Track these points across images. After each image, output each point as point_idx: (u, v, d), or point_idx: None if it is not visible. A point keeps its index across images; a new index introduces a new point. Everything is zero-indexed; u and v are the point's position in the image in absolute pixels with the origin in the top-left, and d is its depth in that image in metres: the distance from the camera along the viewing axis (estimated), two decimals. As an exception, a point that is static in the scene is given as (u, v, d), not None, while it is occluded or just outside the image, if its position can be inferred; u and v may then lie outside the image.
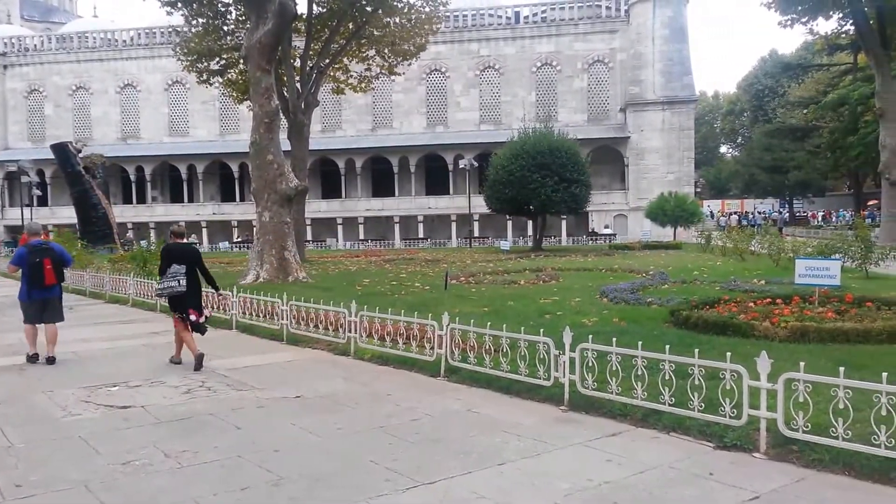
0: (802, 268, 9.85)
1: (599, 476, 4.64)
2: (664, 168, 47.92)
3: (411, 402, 6.72)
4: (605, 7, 50.76)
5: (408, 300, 13.77)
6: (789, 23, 31.19)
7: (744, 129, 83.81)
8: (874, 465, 4.53)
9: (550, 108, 50.52)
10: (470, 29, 52.30)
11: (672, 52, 47.91)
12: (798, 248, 20.73)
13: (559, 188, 31.52)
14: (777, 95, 73.26)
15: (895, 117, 29.31)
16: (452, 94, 52.81)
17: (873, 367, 6.40)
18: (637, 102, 48.25)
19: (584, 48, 50.95)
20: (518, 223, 46.55)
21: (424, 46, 31.75)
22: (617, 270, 20.57)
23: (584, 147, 42.61)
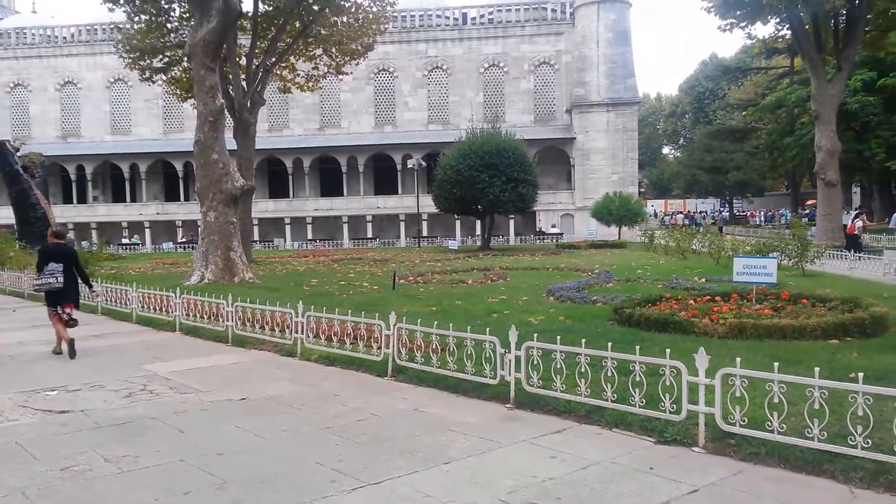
0: (740, 266, 10.15)
1: (544, 472, 4.70)
2: (609, 168, 48.78)
3: (358, 402, 6.70)
4: (550, 10, 51.39)
5: (356, 300, 13.71)
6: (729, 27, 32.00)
7: (685, 130, 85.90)
8: (808, 457, 4.68)
9: (498, 108, 50.96)
10: (418, 29, 52.32)
11: (616, 55, 48.80)
12: (737, 246, 21.34)
13: (507, 188, 31.79)
14: (717, 98, 75.35)
15: (830, 119, 30.36)
16: (401, 94, 52.74)
17: (808, 362, 6.64)
18: (582, 104, 49.00)
19: (531, 50, 51.49)
20: (466, 223, 46.78)
21: (372, 46, 31.65)
22: (563, 269, 20.85)
23: (531, 147, 43.09)
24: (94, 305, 14.29)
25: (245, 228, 25.29)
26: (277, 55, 28.84)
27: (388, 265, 23.93)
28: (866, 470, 4.42)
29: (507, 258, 27.01)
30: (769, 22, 33.03)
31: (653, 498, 4.26)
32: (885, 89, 39.42)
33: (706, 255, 22.26)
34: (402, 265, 23.94)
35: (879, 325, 8.91)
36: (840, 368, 6.48)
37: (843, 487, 4.38)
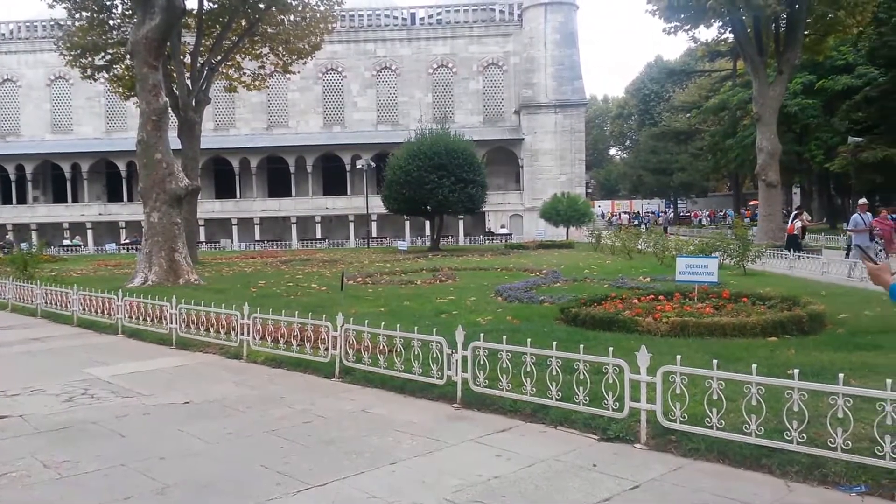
0: (683, 266, 10.37)
1: (489, 471, 4.72)
2: (557, 169, 49.34)
3: (304, 404, 6.63)
4: (498, 11, 51.74)
5: (304, 301, 13.57)
6: (673, 30, 32.74)
7: (632, 132, 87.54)
8: (746, 452, 4.80)
9: (447, 109, 51.08)
10: (366, 29, 52.08)
11: (563, 57, 49.39)
12: (681, 246, 21.83)
13: (456, 188, 31.88)
14: (662, 100, 76.99)
15: (771, 121, 31.27)
16: (349, 94, 52.42)
17: (747, 359, 6.80)
18: (530, 105, 49.45)
19: (479, 51, 51.76)
20: (416, 223, 46.74)
21: (320, 45, 31.37)
22: (512, 269, 21.00)
23: (480, 148, 43.30)
24: (34, 308, 13.85)
25: (190, 229, 24.79)
26: (223, 53, 28.35)
27: (337, 266, 23.75)
28: (802, 464, 4.55)
29: (456, 259, 27.08)
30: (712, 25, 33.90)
31: (595, 494, 4.32)
32: (823, 92, 40.83)
33: (651, 254, 22.71)
34: (350, 266, 23.79)
35: (817, 323, 9.20)
36: (778, 365, 6.66)
37: (779, 481, 4.50)
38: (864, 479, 4.33)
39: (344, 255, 33.25)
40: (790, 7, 30.54)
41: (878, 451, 4.25)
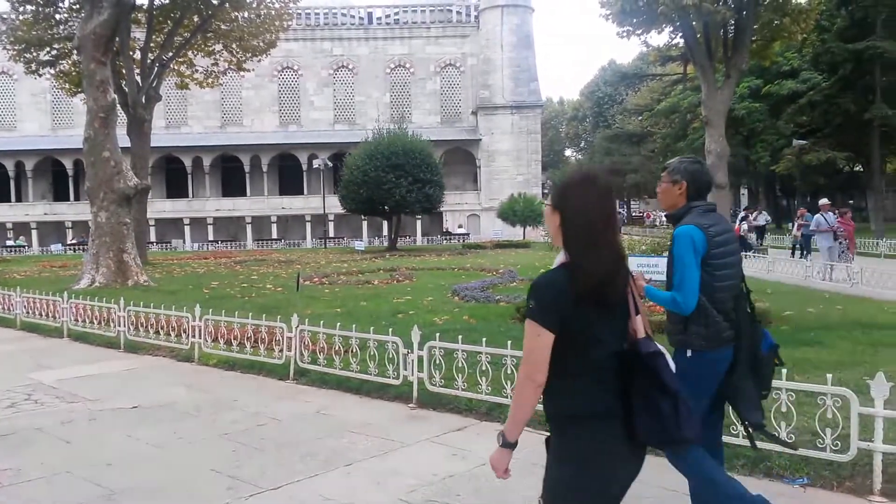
0: (634, 265, 10.41)
1: (444, 470, 4.74)
2: (514, 170, 49.70)
3: (258, 406, 6.55)
4: (455, 12, 51.90)
5: (258, 302, 13.40)
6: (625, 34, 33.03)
7: (586, 134, 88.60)
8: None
9: (404, 109, 51.03)
10: (323, 28, 51.70)
11: (519, 59, 49.79)
12: (633, 245, 22.18)
13: (413, 188, 31.87)
14: (616, 103, 78.17)
15: (719, 125, 31.83)
16: (306, 93, 51.97)
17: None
18: (487, 106, 49.73)
19: (437, 51, 51.83)
20: (373, 223, 46.57)
21: (275, 43, 30.99)
22: (469, 269, 21.08)
23: (438, 148, 43.37)
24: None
25: (140, 229, 24.27)
26: (174, 50, 27.80)
27: (293, 266, 23.52)
28: (748, 457, 4.67)
29: (413, 259, 27.07)
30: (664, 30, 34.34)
31: (549, 491, 4.37)
32: (769, 96, 41.95)
33: (605, 254, 23.02)
34: (307, 266, 23.59)
35: (763, 320, 9.43)
36: (725, 360, 6.82)
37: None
38: (807, 471, 4.47)
39: (300, 255, 32.93)
40: (738, 14, 31.22)
41: (819, 443, 4.40)
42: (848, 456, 4.27)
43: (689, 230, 3.34)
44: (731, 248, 3.45)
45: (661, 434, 2.27)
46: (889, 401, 4.19)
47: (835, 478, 4.37)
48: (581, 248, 2.28)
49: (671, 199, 3.55)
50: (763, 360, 3.46)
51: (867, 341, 8.19)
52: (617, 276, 2.30)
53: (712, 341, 3.36)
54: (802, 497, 4.26)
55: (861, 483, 4.26)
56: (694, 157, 3.69)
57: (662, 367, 2.28)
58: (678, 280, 3.37)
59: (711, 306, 3.35)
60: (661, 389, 2.26)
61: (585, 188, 2.33)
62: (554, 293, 2.26)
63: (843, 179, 48.23)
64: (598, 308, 2.27)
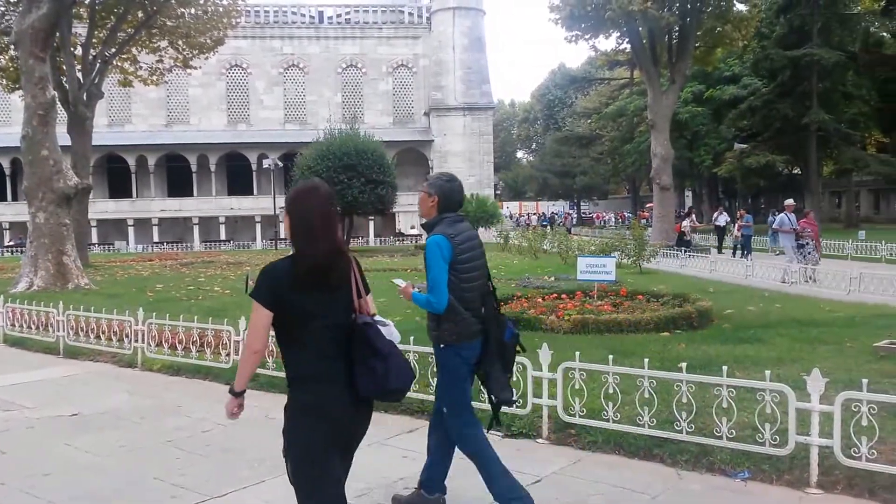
0: (584, 265, 10.67)
1: (395, 473, 4.73)
2: (466, 171, 49.85)
3: (203, 412, 6.43)
4: (407, 13, 51.84)
5: (205, 305, 13.15)
6: (574, 39, 33.72)
7: (537, 136, 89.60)
8: (640, 443, 5.02)
9: (356, 109, 50.72)
10: (272, 25, 51.04)
11: (471, 61, 50.03)
12: (583, 246, 22.51)
13: (366, 189, 31.70)
14: (566, 106, 79.26)
15: (664, 128, 32.74)
16: (255, 92, 51.22)
17: (641, 354, 7.07)
18: (440, 107, 49.82)
19: (389, 52, 51.69)
20: (325, 224, 46.08)
21: (223, 40, 30.43)
22: (422, 270, 20.91)
23: (391, 149, 43.23)
24: None
25: (81, 230, 23.58)
26: (118, 46, 27.07)
27: (242, 268, 23.15)
28: (691, 453, 4.79)
29: (366, 260, 26.88)
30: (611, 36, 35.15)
31: (498, 491, 4.38)
32: (712, 101, 43.09)
33: (556, 254, 23.29)
34: (257, 268, 23.15)
35: (705, 318, 9.72)
36: (670, 359, 6.96)
37: (670, 470, 4.72)
38: (748, 465, 4.59)
39: (250, 256, 32.43)
40: (682, 20, 32.10)
41: (758, 438, 4.53)
42: (786, 450, 4.40)
43: (437, 239, 3.83)
44: (475, 253, 3.97)
45: (376, 387, 2.80)
46: (825, 396, 4.33)
47: (774, 471, 4.50)
48: (301, 242, 2.79)
49: (425, 209, 4.02)
50: (507, 347, 3.99)
51: (804, 338, 8.45)
52: (332, 266, 2.80)
53: (462, 336, 3.87)
54: (743, 490, 4.38)
55: (799, 476, 4.40)
56: (450, 175, 4.14)
57: (373, 335, 2.80)
58: (430, 283, 3.84)
59: (461, 305, 3.84)
60: (374, 353, 2.77)
61: (308, 196, 2.84)
62: (273, 277, 2.78)
63: (782, 182, 49.74)
64: (320, 290, 2.77)
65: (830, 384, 4.69)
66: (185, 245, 45.54)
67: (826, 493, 4.25)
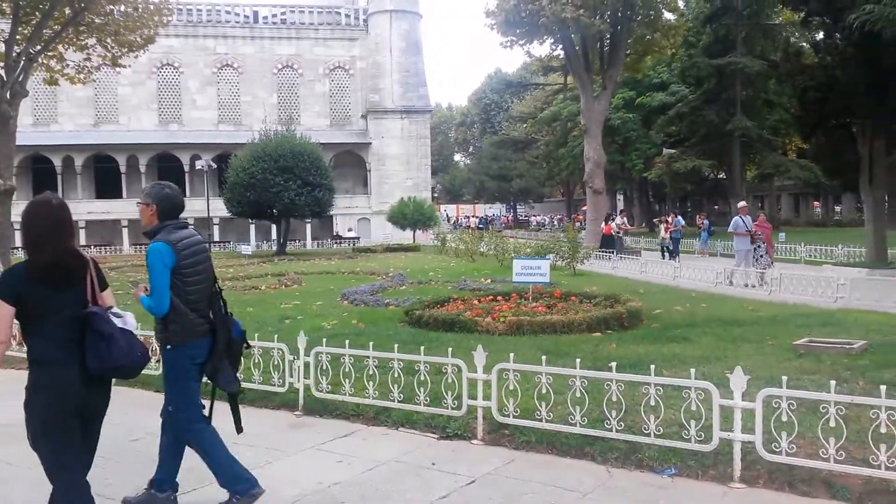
0: (519, 267, 10.85)
1: (329, 478, 4.71)
2: (404, 174, 49.90)
3: (130, 420, 6.27)
4: (344, 15, 51.52)
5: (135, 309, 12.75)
6: (509, 44, 34.15)
7: (474, 139, 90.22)
8: (572, 442, 5.13)
9: (293, 110, 50.09)
10: (206, 24, 49.96)
11: (409, 64, 50.09)
12: (519, 249, 22.81)
13: (303, 192, 31.39)
14: (502, 110, 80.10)
15: (597, 133, 33.49)
16: (188, 92, 50.02)
17: (573, 354, 7.24)
18: (377, 110, 49.69)
19: (326, 53, 51.26)
20: (261, 227, 45.44)
21: (153, 39, 29.57)
22: (359, 273, 20.99)
23: (328, 151, 42.90)
24: None
25: (3, 233, 22.58)
26: (43, 43, 25.99)
27: (174, 272, 22.53)
28: (620, 450, 4.93)
29: (302, 263, 26.65)
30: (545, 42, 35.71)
31: (433, 492, 4.44)
32: (642, 107, 44.26)
33: (493, 257, 23.52)
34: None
35: (635, 319, 9.99)
36: (601, 359, 7.12)
37: (601, 468, 4.84)
38: (674, 461, 4.75)
39: (181, 260, 31.54)
40: (613, 28, 32.91)
41: (685, 434, 4.69)
42: (711, 446, 4.57)
43: (158, 246, 4.00)
44: (200, 258, 4.19)
45: (101, 364, 3.27)
46: (747, 393, 4.52)
47: (699, 467, 4.66)
48: (31, 248, 3.29)
49: (146, 218, 4.18)
50: (234, 344, 4.30)
51: (729, 337, 8.78)
52: (64, 267, 3.27)
53: (188, 336, 4.09)
54: (670, 486, 4.52)
55: (723, 471, 4.56)
56: (165, 182, 4.33)
57: (98, 321, 3.27)
58: (152, 288, 4.04)
59: (186, 307, 4.05)
60: (99, 336, 3.25)
61: (39, 209, 3.32)
62: (12, 276, 3.26)
63: (708, 186, 51.44)
64: (55, 288, 3.25)
65: (752, 381, 4.90)
66: (114, 248, 44.08)
67: (748, 487, 4.42)
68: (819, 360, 7.31)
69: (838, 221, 47.70)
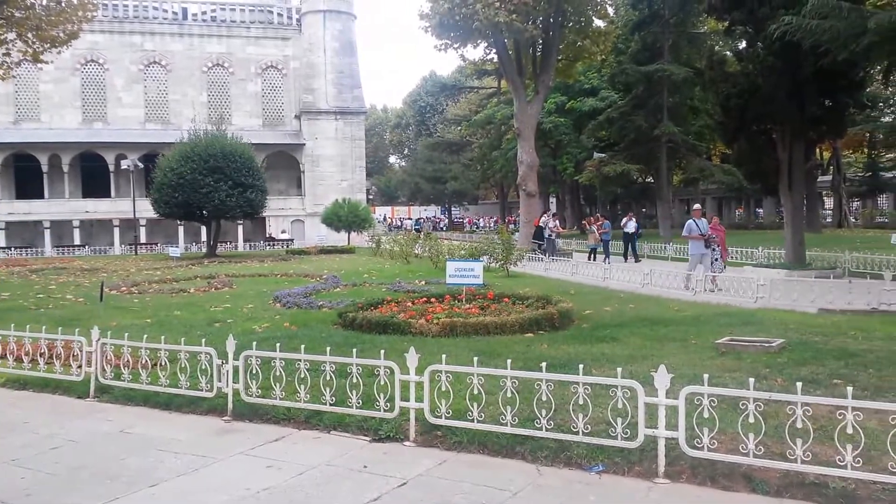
0: (453, 269, 10.90)
1: (258, 484, 4.64)
2: (339, 175, 49.47)
3: (52, 428, 6.03)
4: (276, 14, 50.72)
5: (56, 314, 12.31)
6: (443, 47, 34.23)
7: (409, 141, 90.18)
8: (503, 441, 5.19)
9: (224, 110, 48.93)
10: (132, 20, 48.38)
11: (343, 65, 49.71)
12: (454, 251, 22.91)
13: (234, 193, 30.74)
14: (437, 112, 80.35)
15: (529, 137, 33.93)
16: (113, 89, 48.31)
17: (506, 354, 7.32)
18: (311, 111, 49.14)
19: (258, 52, 50.34)
20: (191, 228, 44.26)
21: (77, 34, 28.48)
22: (292, 275, 20.71)
23: (260, 152, 42.16)
24: None
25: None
26: (-44, 36, 24.76)
27: (98, 275, 21.79)
28: (550, 448, 5.01)
29: (234, 265, 26.12)
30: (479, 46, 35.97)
31: (365, 495, 4.42)
32: (573, 112, 45.07)
33: (428, 258, 23.57)
34: (114, 274, 21.95)
35: (566, 319, 10.18)
36: (533, 359, 7.23)
37: (531, 466, 4.92)
38: (602, 458, 4.87)
39: (107, 262, 30.52)
40: (545, 33, 33.44)
41: (611, 432, 4.81)
42: (636, 442, 4.70)
43: None
44: None
45: None
46: (671, 390, 4.66)
47: (626, 463, 4.79)
48: None
49: None
50: None
51: (655, 336, 9.05)
52: None
53: None
54: (597, 482, 4.63)
55: (648, 467, 4.70)
56: None
57: None
58: None
59: None
60: None
61: None
62: None
63: (637, 189, 52.73)
64: None
65: (676, 379, 5.06)
66: (35, 250, 42.12)
67: (672, 482, 4.55)
68: (740, 358, 7.60)
69: (759, 224, 49.59)
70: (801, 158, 19.23)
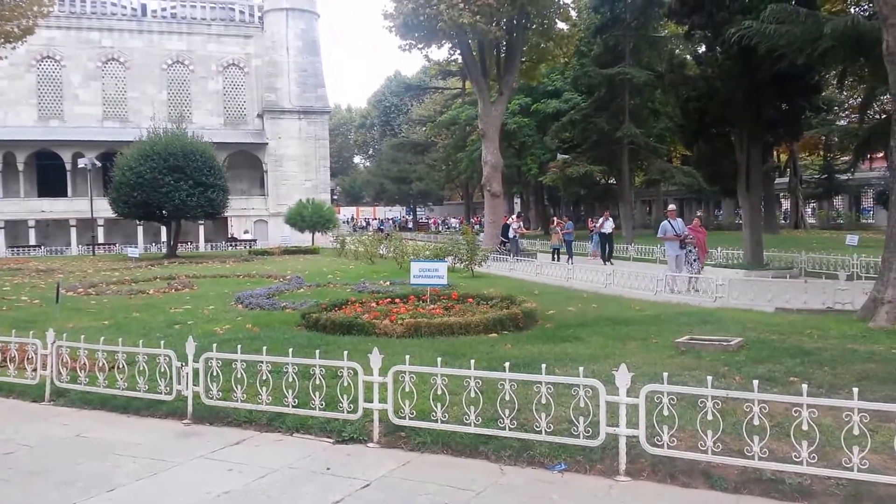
0: (417, 270, 10.90)
1: (219, 487, 4.58)
2: (302, 175, 49.05)
3: (6, 433, 5.87)
4: (238, 11, 50.10)
5: (10, 316, 12.01)
6: (408, 47, 34.16)
7: (374, 141, 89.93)
8: (467, 441, 5.20)
9: (184, 108, 48.20)
10: (90, 16, 47.33)
11: (306, 64, 49.32)
12: (419, 251, 22.89)
13: (195, 192, 30.28)
14: (402, 112, 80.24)
15: (494, 138, 34.06)
16: (70, 86, 47.22)
17: (470, 355, 7.33)
18: (274, 110, 48.64)
19: (219, 50, 49.66)
20: (151, 229, 43.49)
21: (32, 30, 27.84)
22: (255, 276, 20.48)
23: (222, 151, 41.60)
24: None
25: None
26: None
27: (54, 276, 21.29)
28: (514, 448, 5.04)
29: (195, 266, 25.73)
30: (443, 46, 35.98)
31: (327, 497, 4.39)
32: (537, 113, 45.37)
33: (392, 259, 23.51)
34: (70, 275, 21.46)
35: (530, 319, 10.24)
36: (497, 359, 7.25)
37: (494, 466, 4.94)
38: (564, 456, 4.91)
39: (64, 263, 29.83)
40: (509, 35, 33.61)
41: (574, 431, 4.85)
42: (598, 441, 4.75)
43: None
44: None
45: None
46: (632, 389, 4.72)
47: (588, 461, 4.84)
48: None
49: None
50: None
51: (616, 336, 9.15)
52: None
53: None
54: (560, 481, 4.67)
55: (610, 465, 4.76)
56: None
57: None
58: None
59: None
60: None
61: None
62: None
63: (600, 190, 53.26)
64: None
65: (637, 378, 5.13)
66: (-15, 251, 41.02)
67: (633, 479, 4.62)
68: (699, 356, 7.73)
69: (718, 225, 50.51)
70: (758, 161, 19.62)
